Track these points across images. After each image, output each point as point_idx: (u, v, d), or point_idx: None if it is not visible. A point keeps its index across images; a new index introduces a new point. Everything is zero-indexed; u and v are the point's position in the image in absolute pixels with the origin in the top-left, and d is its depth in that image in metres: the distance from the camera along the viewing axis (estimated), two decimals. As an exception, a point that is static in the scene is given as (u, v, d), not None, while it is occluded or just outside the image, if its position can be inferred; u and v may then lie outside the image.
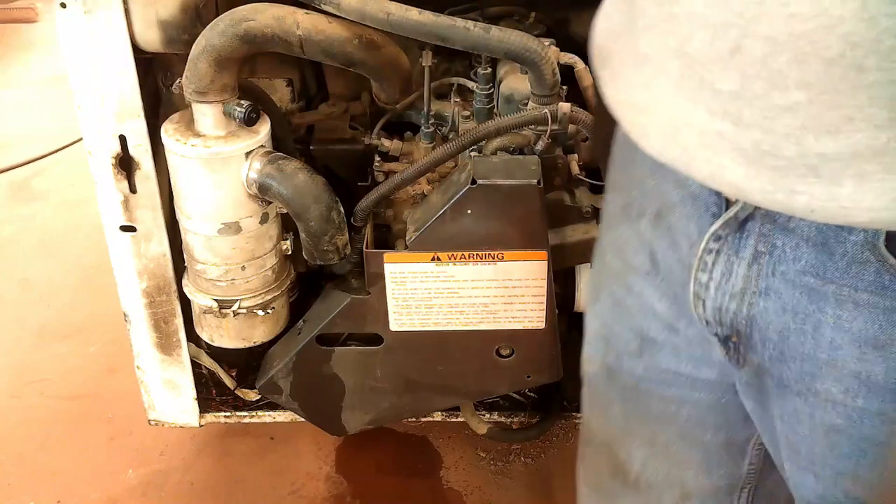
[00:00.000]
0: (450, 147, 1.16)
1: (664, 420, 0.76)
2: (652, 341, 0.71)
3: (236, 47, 1.09)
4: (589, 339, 0.80)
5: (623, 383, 0.76)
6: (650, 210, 0.66)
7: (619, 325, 0.74)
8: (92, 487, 1.61)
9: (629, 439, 0.80)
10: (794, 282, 0.57)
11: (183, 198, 1.19)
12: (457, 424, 1.57)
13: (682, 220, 0.63)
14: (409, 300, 1.25)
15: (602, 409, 0.81)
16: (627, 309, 0.72)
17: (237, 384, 1.48)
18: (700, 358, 0.69)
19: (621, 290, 0.72)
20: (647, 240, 0.67)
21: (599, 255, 0.76)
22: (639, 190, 0.68)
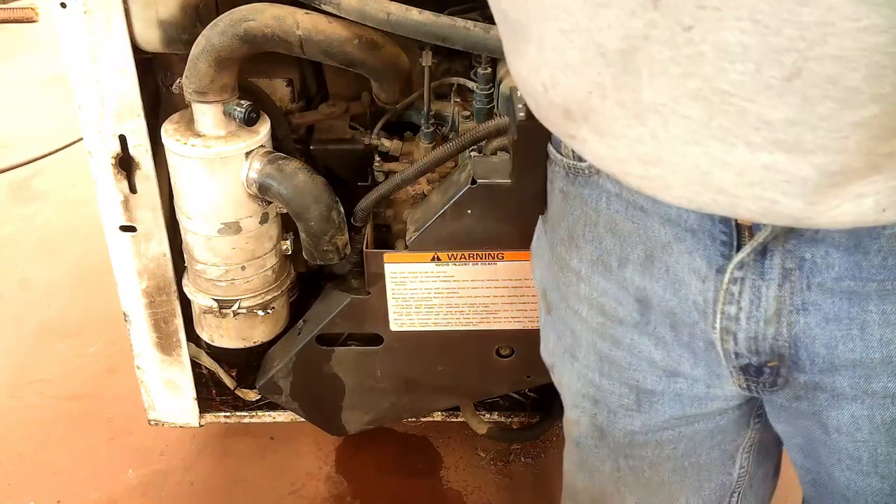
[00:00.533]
0: (450, 147, 1.16)
1: (659, 463, 0.74)
2: (650, 393, 0.69)
3: (236, 47, 1.09)
4: (573, 401, 0.77)
5: (616, 441, 0.74)
6: (635, 255, 0.63)
7: (608, 381, 0.71)
8: (92, 487, 1.61)
9: (622, 489, 0.78)
10: (832, 290, 0.56)
11: (183, 198, 1.19)
12: (457, 424, 1.57)
13: (684, 256, 0.60)
14: (409, 300, 1.25)
15: (591, 470, 0.79)
16: (617, 363, 0.69)
17: (237, 384, 1.48)
18: (706, 396, 0.67)
19: (606, 345, 0.69)
20: (635, 287, 0.64)
21: (569, 312, 0.72)
22: (612, 238, 0.64)
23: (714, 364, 0.64)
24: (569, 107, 0.54)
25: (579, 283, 0.69)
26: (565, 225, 0.70)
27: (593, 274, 0.67)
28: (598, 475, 0.78)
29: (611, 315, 0.67)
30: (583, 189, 0.65)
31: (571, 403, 0.78)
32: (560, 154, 0.68)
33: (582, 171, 0.65)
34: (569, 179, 0.67)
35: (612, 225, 0.64)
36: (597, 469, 0.78)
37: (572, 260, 0.69)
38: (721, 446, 0.74)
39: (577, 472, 0.81)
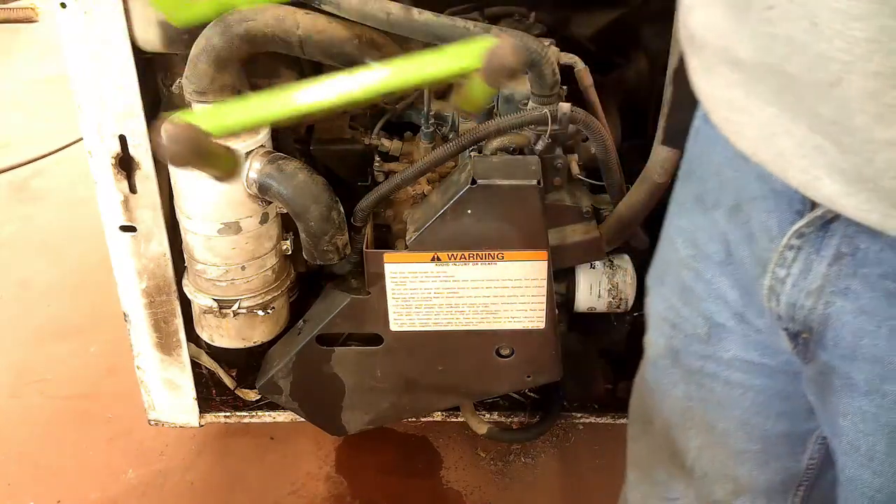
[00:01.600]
0: (450, 147, 1.16)
1: (727, 405, 0.76)
2: (720, 327, 0.72)
3: (236, 47, 1.09)
4: (653, 322, 0.81)
5: (688, 365, 0.77)
6: (726, 201, 0.67)
7: (686, 308, 0.75)
8: (92, 487, 1.61)
9: (689, 424, 0.80)
10: (874, 285, 0.57)
11: (183, 198, 1.19)
12: (457, 424, 1.57)
13: (762, 214, 0.63)
14: (409, 300, 1.25)
15: (664, 392, 0.82)
16: (697, 294, 0.73)
17: (237, 384, 1.48)
18: (768, 347, 0.70)
19: (690, 276, 0.73)
20: (721, 230, 0.68)
21: (667, 241, 0.77)
22: (715, 180, 0.68)
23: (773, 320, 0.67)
24: (693, 34, 0.60)
25: (681, 215, 0.74)
26: (688, 159, 0.75)
27: (694, 209, 0.72)
28: (669, 400, 0.81)
29: (701, 249, 0.71)
30: (710, 129, 0.68)
31: (653, 324, 0.81)
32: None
33: None
34: (702, 118, 0.71)
35: (718, 168, 0.68)
36: (668, 393, 0.81)
37: (681, 193, 0.75)
38: (790, 421, 0.75)
39: (652, 392, 0.84)
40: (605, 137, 1.20)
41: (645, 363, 0.85)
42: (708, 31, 0.58)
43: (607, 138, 1.21)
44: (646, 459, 0.89)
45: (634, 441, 0.90)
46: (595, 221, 1.27)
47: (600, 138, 1.20)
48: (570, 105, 1.15)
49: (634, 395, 0.89)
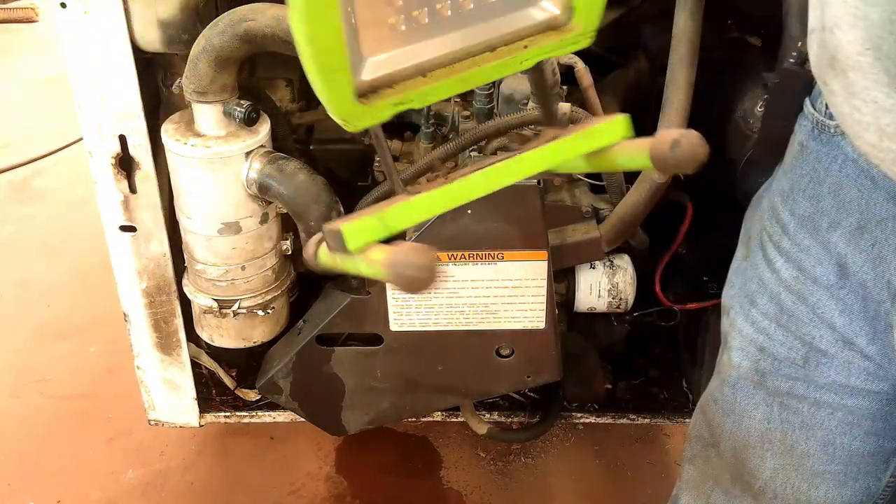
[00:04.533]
0: (450, 147, 1.16)
1: (811, 426, 0.73)
2: (821, 353, 0.69)
3: (236, 47, 1.09)
4: (738, 343, 0.77)
5: (774, 388, 0.74)
6: (848, 222, 0.64)
7: (782, 332, 0.72)
8: (92, 487, 1.61)
9: (766, 446, 0.77)
10: None
11: (183, 198, 1.19)
12: (457, 424, 1.57)
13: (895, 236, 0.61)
14: (409, 300, 1.25)
15: (741, 414, 0.78)
16: (796, 316, 0.70)
17: (237, 384, 1.48)
18: (875, 373, 0.67)
19: (791, 298, 0.70)
20: (837, 252, 0.65)
21: (762, 261, 0.73)
22: (832, 200, 0.65)
23: (888, 348, 0.64)
24: (836, 55, 0.56)
25: (783, 236, 0.71)
26: (791, 177, 0.71)
27: (800, 230, 0.69)
28: (747, 421, 0.78)
29: (807, 271, 0.68)
30: (822, 146, 0.66)
31: (736, 346, 0.78)
32: (813, 109, 0.69)
33: (827, 129, 0.66)
34: (812, 134, 0.68)
35: (836, 187, 0.65)
36: (747, 414, 0.78)
37: (784, 212, 0.71)
38: (879, 439, 0.72)
39: (727, 414, 0.80)
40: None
41: (720, 385, 0.81)
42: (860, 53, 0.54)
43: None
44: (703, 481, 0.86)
45: (691, 462, 0.87)
46: (595, 221, 1.27)
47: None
48: (570, 105, 1.15)
49: (699, 415, 0.85)
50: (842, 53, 0.56)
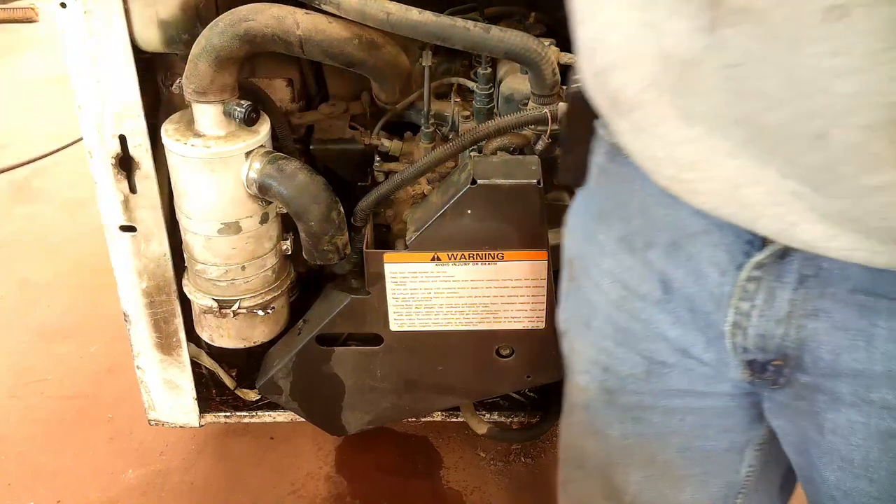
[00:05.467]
0: (450, 147, 1.16)
1: (667, 434, 0.75)
2: (661, 364, 0.70)
3: (236, 47, 1.09)
4: (583, 367, 0.78)
5: (624, 404, 0.75)
6: (661, 240, 0.65)
7: (622, 349, 0.72)
8: (92, 487, 1.61)
9: (628, 461, 0.78)
10: (844, 301, 0.57)
11: (183, 198, 1.19)
12: (457, 424, 1.57)
13: (708, 248, 0.62)
14: (409, 300, 1.25)
15: (598, 434, 0.79)
16: (632, 333, 0.71)
17: (237, 384, 1.48)
18: (714, 377, 0.69)
19: (624, 317, 0.70)
20: (658, 269, 0.66)
21: (590, 284, 0.74)
22: (641, 220, 0.66)
23: (723, 353, 0.65)
24: (617, 96, 0.56)
25: (604, 257, 0.71)
26: (598, 200, 0.72)
27: (619, 250, 0.69)
28: (606, 440, 0.79)
29: (633, 290, 0.69)
30: (621, 168, 0.66)
31: (581, 369, 0.79)
32: (605, 130, 0.69)
33: (622, 151, 0.66)
34: (609, 156, 0.69)
35: (643, 207, 0.65)
36: (605, 434, 0.78)
37: (599, 234, 0.71)
38: (731, 435, 0.74)
39: (587, 436, 0.81)
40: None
41: (572, 408, 0.82)
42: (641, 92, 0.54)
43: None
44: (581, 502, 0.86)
45: (564, 486, 0.88)
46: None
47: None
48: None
49: (563, 440, 0.86)
50: (622, 94, 0.56)
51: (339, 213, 1.19)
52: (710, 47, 0.47)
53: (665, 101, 0.53)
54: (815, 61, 0.44)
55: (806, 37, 0.43)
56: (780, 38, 0.44)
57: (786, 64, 0.44)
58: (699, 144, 0.52)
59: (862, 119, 0.44)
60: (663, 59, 0.51)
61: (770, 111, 0.47)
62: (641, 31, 0.52)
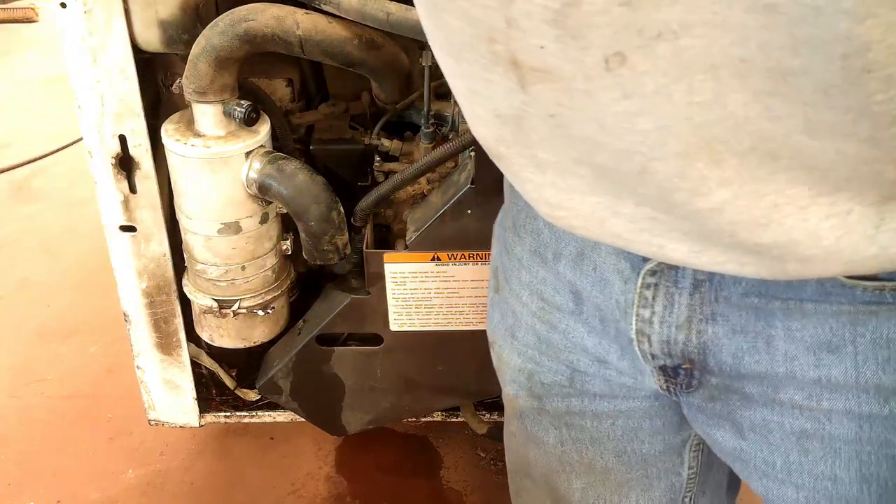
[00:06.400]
0: (450, 147, 1.16)
1: (601, 438, 0.75)
2: (582, 374, 0.71)
3: (236, 47, 1.09)
4: (511, 377, 0.79)
5: (554, 410, 0.75)
6: (568, 251, 0.66)
7: (545, 358, 0.73)
8: (92, 487, 1.61)
9: (567, 468, 0.78)
10: (738, 304, 0.58)
11: (183, 198, 1.19)
12: (457, 424, 1.57)
13: (611, 257, 0.63)
14: (409, 300, 1.25)
15: (536, 441, 0.79)
16: (553, 344, 0.71)
17: (237, 384, 1.48)
18: (633, 386, 0.69)
19: (544, 327, 0.71)
20: (568, 280, 0.67)
21: (512, 295, 0.75)
22: (550, 232, 0.67)
23: (636, 360, 0.66)
24: (488, 147, 0.57)
25: (521, 269, 0.72)
26: (511, 214, 0.74)
27: (533, 263, 0.70)
28: (543, 448, 0.79)
29: (549, 301, 0.70)
30: None
31: (509, 379, 0.79)
32: None
33: None
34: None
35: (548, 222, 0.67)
36: (542, 441, 0.79)
37: (516, 247, 0.73)
38: (664, 436, 0.74)
39: (526, 444, 0.82)
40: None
41: (510, 419, 0.82)
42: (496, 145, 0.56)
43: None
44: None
45: (516, 496, 0.88)
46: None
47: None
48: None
49: (508, 452, 0.86)
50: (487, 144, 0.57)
51: (339, 213, 1.19)
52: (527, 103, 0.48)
53: (515, 152, 0.54)
54: (611, 107, 0.44)
55: (596, 87, 0.44)
56: (576, 91, 0.45)
57: (589, 112, 0.45)
58: (558, 186, 0.53)
59: (674, 148, 0.45)
60: (497, 117, 0.52)
61: (596, 153, 0.48)
62: (471, 96, 0.53)
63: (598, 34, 0.41)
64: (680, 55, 0.41)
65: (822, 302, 0.55)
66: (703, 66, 0.41)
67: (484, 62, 0.48)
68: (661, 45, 0.41)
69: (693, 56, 0.41)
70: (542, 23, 0.43)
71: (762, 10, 0.38)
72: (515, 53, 0.45)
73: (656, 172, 0.47)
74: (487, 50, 0.47)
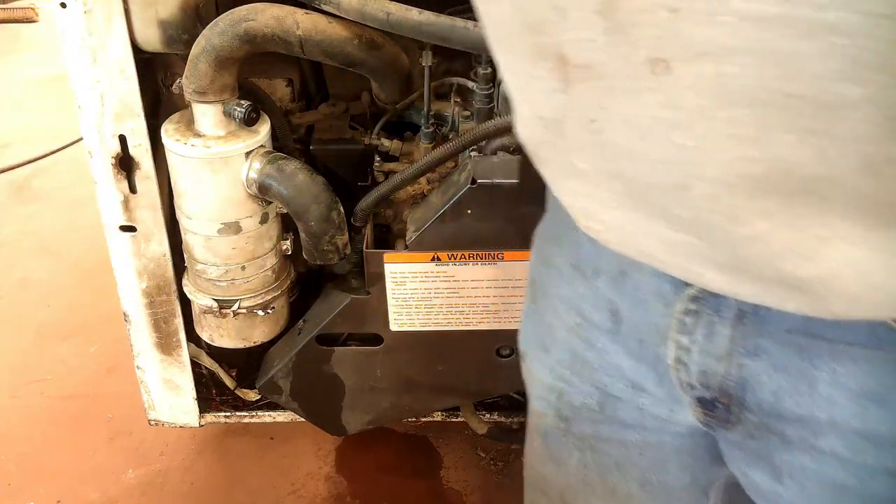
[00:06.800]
0: (450, 147, 1.16)
1: (625, 466, 0.72)
2: (615, 398, 0.68)
3: (236, 47, 1.09)
4: (539, 392, 0.76)
5: (581, 433, 0.72)
6: (609, 268, 0.63)
7: (577, 377, 0.70)
8: (92, 487, 1.61)
9: (588, 490, 0.75)
10: (783, 340, 0.54)
11: (183, 198, 1.19)
12: (457, 424, 1.57)
13: (652, 278, 0.59)
14: (409, 300, 1.25)
15: (558, 461, 0.77)
16: (588, 363, 0.68)
17: (237, 384, 1.48)
18: (668, 418, 0.66)
19: (580, 344, 0.68)
20: (607, 298, 0.64)
21: (549, 307, 0.72)
22: (590, 247, 0.63)
23: (674, 389, 0.63)
24: (530, 148, 0.56)
25: (559, 281, 0.69)
26: (553, 224, 0.71)
27: (572, 276, 0.67)
28: (564, 468, 0.77)
29: (587, 318, 0.67)
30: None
31: (538, 395, 0.76)
32: None
33: None
34: None
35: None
36: (563, 462, 0.76)
37: (555, 258, 0.70)
38: (692, 472, 0.71)
39: (546, 462, 0.79)
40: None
41: (533, 434, 0.79)
42: (537, 149, 0.54)
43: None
44: None
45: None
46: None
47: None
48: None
49: (526, 464, 0.83)
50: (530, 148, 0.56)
51: (339, 213, 1.19)
52: (568, 105, 0.46)
53: (555, 158, 0.52)
54: (651, 111, 0.42)
55: (640, 87, 0.42)
56: (619, 90, 0.43)
57: (630, 115, 0.43)
58: (592, 198, 0.52)
59: (711, 172, 0.43)
60: (539, 119, 0.50)
61: (631, 163, 0.46)
62: (517, 94, 0.52)
63: (644, 34, 0.40)
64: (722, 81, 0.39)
65: (872, 348, 0.51)
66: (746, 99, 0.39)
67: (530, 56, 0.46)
68: (705, 64, 0.39)
69: (736, 86, 0.38)
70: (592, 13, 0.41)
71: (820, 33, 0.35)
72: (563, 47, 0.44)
73: (691, 192, 0.44)
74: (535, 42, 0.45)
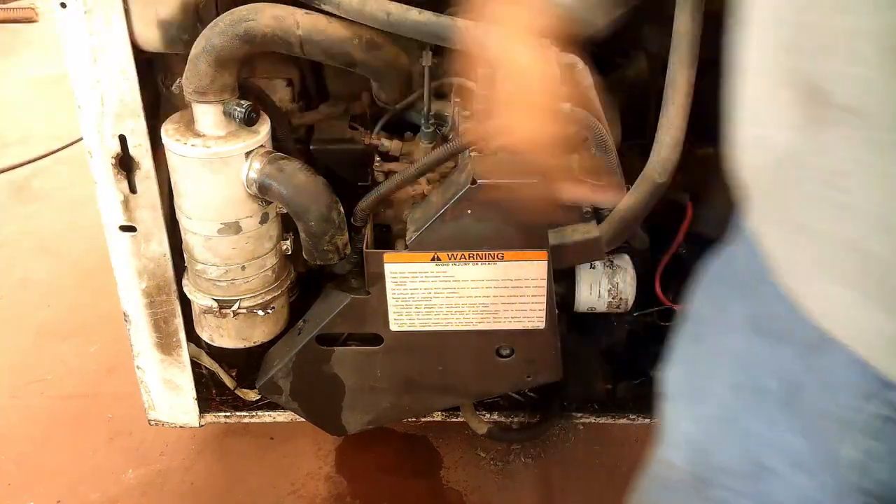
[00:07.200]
0: (450, 147, 1.16)
1: None
2: (770, 471, 0.59)
3: (236, 47, 1.09)
4: (676, 441, 0.68)
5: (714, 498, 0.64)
6: (801, 336, 0.53)
7: (729, 441, 0.62)
8: (92, 487, 1.61)
9: None
10: None
11: (183, 198, 1.19)
12: (457, 424, 1.57)
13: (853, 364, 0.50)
14: (409, 300, 1.25)
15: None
16: (746, 429, 0.60)
17: (237, 384, 1.48)
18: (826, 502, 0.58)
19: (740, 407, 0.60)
20: (790, 368, 0.55)
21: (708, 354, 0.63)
22: (782, 306, 0.53)
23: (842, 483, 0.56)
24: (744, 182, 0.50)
25: (730, 333, 0.61)
26: (738, 265, 0.61)
27: (749, 330, 0.59)
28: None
29: (759, 381, 0.58)
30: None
31: (674, 443, 0.68)
32: None
33: None
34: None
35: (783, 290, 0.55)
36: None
37: (731, 304, 0.61)
38: None
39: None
40: (605, 137, 1.20)
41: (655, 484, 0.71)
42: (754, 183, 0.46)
43: (607, 138, 1.21)
44: None
45: None
46: (595, 221, 1.27)
47: (600, 138, 1.20)
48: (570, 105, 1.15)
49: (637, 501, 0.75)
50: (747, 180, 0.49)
51: (339, 213, 1.19)
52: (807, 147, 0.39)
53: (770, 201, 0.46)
54: None
55: None
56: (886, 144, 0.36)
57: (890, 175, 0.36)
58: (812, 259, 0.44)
59: None
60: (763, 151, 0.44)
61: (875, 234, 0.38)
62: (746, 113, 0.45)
63: None
64: None
65: None
66: None
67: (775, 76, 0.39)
68: None
69: None
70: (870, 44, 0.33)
71: None
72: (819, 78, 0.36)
73: None
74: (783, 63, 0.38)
